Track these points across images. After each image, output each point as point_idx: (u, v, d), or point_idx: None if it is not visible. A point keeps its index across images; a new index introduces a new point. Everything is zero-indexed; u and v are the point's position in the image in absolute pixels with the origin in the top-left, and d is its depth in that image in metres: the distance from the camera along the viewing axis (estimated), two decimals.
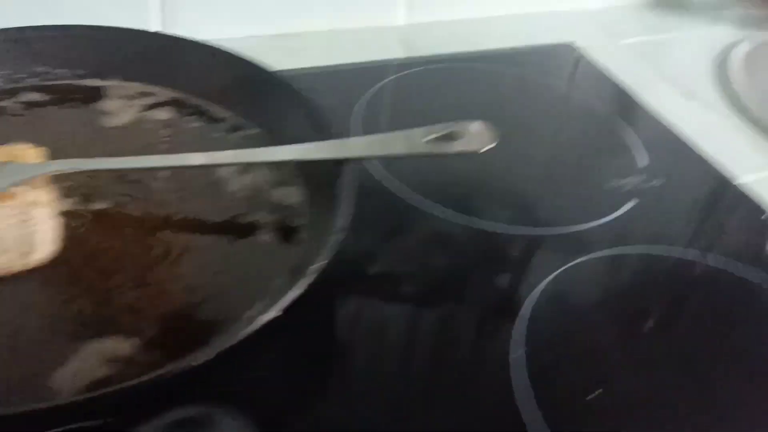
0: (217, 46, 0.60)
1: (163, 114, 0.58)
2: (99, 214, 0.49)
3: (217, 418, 0.34)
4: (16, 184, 0.46)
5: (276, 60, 0.59)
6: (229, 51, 0.59)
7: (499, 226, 0.56)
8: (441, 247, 0.55)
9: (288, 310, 0.39)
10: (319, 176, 0.52)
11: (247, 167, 0.54)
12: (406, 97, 0.70)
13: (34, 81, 0.58)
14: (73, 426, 0.37)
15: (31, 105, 0.57)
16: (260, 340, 0.38)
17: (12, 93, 0.57)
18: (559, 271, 0.52)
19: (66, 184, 0.50)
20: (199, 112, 0.59)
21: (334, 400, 0.43)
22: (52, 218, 0.47)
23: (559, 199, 0.61)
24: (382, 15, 0.81)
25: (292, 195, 0.52)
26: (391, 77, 0.72)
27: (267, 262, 0.47)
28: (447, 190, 0.59)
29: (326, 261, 0.42)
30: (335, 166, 0.50)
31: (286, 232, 0.49)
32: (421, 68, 0.74)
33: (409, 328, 0.48)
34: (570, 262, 0.53)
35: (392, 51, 0.78)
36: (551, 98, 0.75)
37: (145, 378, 0.35)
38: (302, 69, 0.70)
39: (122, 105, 0.58)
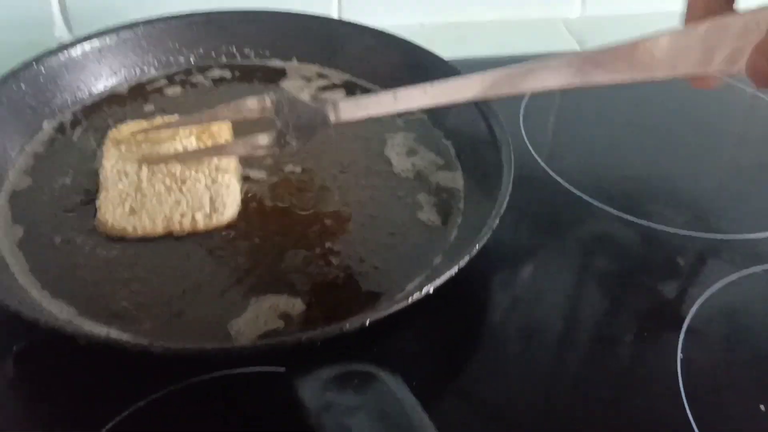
0: (390, 33, 0.62)
1: (335, 95, 0.61)
2: (275, 184, 0.53)
3: (378, 374, 0.36)
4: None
5: (444, 48, 0.61)
6: (401, 37, 0.62)
7: (670, 229, 0.54)
8: (605, 244, 0.54)
9: (446, 287, 0.41)
10: (478, 162, 0.53)
11: (411, 150, 0.56)
12: (575, 98, 0.69)
13: (224, 60, 0.63)
14: (254, 369, 0.41)
15: (219, 81, 0.62)
16: (419, 311, 0.41)
17: (203, 69, 0.63)
18: (731, 279, 0.50)
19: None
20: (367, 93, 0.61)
21: (481, 375, 0.44)
22: (236, 183, 0.51)
23: (737, 205, 0.58)
24: (556, 7, 0.80)
25: (452, 179, 0.54)
26: None
27: (427, 240, 0.49)
28: (614, 188, 0.58)
29: (481, 245, 0.43)
30: (496, 154, 0.51)
31: (446, 213, 0.51)
32: None
33: (564, 321, 0.48)
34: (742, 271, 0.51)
35: (563, 43, 0.77)
36: (734, 100, 0.71)
37: (318, 331, 0.38)
38: (469, 58, 0.71)
39: (301, 85, 0.61)
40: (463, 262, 0.42)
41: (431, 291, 0.41)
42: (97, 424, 0.39)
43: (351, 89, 0.62)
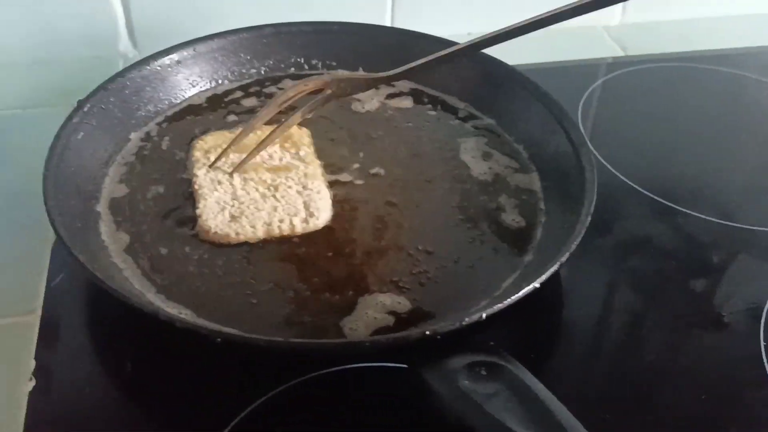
0: (450, 40, 0.64)
1: (403, 102, 0.63)
2: (362, 188, 0.55)
3: (502, 362, 0.38)
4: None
5: (496, 56, 0.63)
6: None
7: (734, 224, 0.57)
8: (668, 233, 0.56)
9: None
10: (553, 163, 0.55)
11: (486, 154, 0.58)
12: (627, 96, 0.72)
13: (293, 70, 0.65)
14: (373, 364, 0.42)
15: None
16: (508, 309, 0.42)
17: (276, 80, 0.65)
18: None
19: (330, 161, 0.56)
20: (435, 102, 0.64)
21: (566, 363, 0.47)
22: (326, 189, 0.53)
23: None
24: (597, 15, 0.82)
25: (529, 181, 0.56)
26: (610, 75, 0.74)
27: (514, 239, 0.51)
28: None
29: (576, 242, 0.46)
30: (571, 156, 0.53)
31: (530, 214, 0.53)
32: (637, 67, 0.75)
33: (643, 308, 0.51)
34: None
35: (607, 50, 0.79)
36: None
37: (439, 325, 0.40)
38: (520, 65, 0.73)
39: (370, 93, 0.63)
40: (563, 257, 0.44)
41: (538, 286, 0.43)
42: (225, 418, 0.41)
43: (418, 97, 0.64)
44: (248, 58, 0.64)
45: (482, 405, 0.36)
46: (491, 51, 0.62)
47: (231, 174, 0.53)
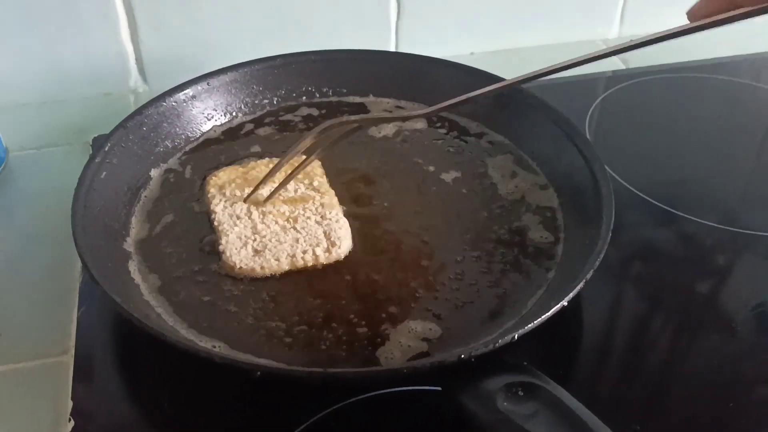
0: (458, 62, 0.66)
1: (418, 125, 0.65)
2: (381, 215, 0.56)
3: (537, 382, 0.39)
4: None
5: (498, 74, 0.63)
6: (472, 66, 0.65)
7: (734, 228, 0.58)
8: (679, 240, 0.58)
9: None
10: (567, 179, 0.57)
11: (513, 173, 0.59)
12: (630, 108, 0.73)
13: (304, 99, 0.67)
14: (407, 388, 0.43)
15: (308, 119, 0.65)
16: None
17: (292, 109, 0.66)
18: None
19: (342, 190, 0.57)
20: (448, 123, 0.65)
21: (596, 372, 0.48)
22: (344, 217, 0.54)
23: None
24: (595, 29, 0.84)
25: (548, 198, 0.57)
26: (613, 88, 0.75)
27: (538, 257, 0.52)
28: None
29: (598, 261, 0.47)
30: (586, 171, 0.54)
31: (551, 231, 0.54)
32: (640, 79, 0.77)
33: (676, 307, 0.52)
34: None
35: (607, 63, 0.80)
36: None
37: (471, 347, 0.41)
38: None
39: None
40: (588, 275, 0.45)
41: (566, 304, 0.44)
42: None
43: (430, 120, 0.65)
44: (260, 89, 0.65)
45: (523, 425, 0.36)
46: (496, 71, 0.65)
47: (249, 208, 0.54)
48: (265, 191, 0.55)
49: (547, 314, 0.43)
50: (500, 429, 0.37)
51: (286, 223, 0.53)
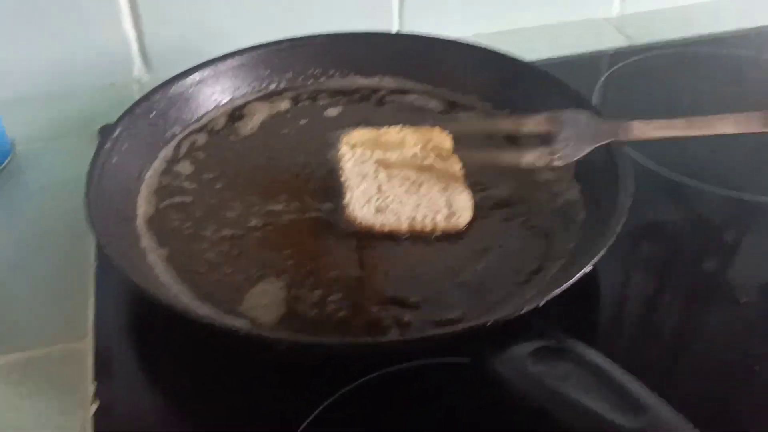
0: (464, 41, 0.65)
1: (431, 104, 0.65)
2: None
3: (567, 346, 0.38)
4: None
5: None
6: (478, 45, 0.65)
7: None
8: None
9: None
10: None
11: None
12: (637, 84, 0.73)
13: (311, 82, 0.66)
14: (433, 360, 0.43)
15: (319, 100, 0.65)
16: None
17: (298, 90, 0.66)
18: None
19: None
20: (450, 102, 0.65)
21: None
22: (467, 190, 0.54)
23: None
24: (596, 7, 0.84)
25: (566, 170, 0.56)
26: (617, 66, 0.75)
27: (560, 227, 0.52)
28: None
29: (620, 226, 0.47)
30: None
31: (571, 202, 0.54)
32: (643, 56, 0.76)
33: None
34: None
35: (611, 41, 0.81)
36: None
37: (500, 314, 0.41)
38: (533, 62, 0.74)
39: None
40: (611, 240, 0.45)
41: (590, 269, 0.44)
42: (292, 425, 0.41)
43: (439, 98, 0.65)
44: (267, 72, 0.65)
45: (557, 387, 0.36)
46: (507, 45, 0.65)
47: (377, 168, 0.55)
48: (394, 156, 0.56)
49: (572, 279, 0.42)
50: (533, 393, 0.37)
51: (411, 187, 0.54)
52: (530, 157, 0.52)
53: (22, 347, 0.48)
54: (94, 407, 0.43)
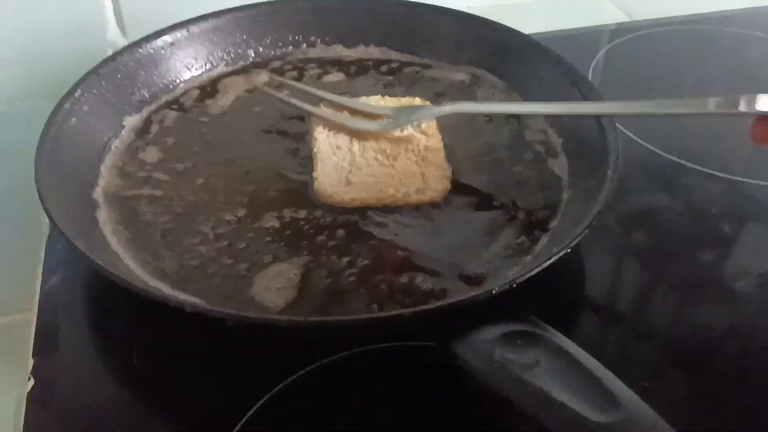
0: (455, 9, 0.62)
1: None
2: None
3: (537, 331, 0.35)
4: (421, 120, 0.53)
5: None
6: (469, 13, 0.62)
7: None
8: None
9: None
10: (571, 127, 0.53)
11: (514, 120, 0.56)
12: (637, 61, 0.70)
13: (290, 49, 0.63)
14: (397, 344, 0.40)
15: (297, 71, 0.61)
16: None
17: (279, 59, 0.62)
18: None
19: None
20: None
21: None
22: (445, 162, 0.52)
23: None
24: None
25: (554, 143, 0.54)
26: (617, 41, 0.72)
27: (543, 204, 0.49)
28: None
29: (601, 204, 0.43)
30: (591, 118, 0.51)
31: (552, 180, 0.51)
32: (645, 32, 0.73)
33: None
34: None
35: (609, 16, 0.77)
36: None
37: (471, 296, 0.38)
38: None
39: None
40: (591, 220, 0.42)
41: (569, 250, 0.40)
42: (250, 400, 0.39)
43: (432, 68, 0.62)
44: (244, 37, 0.61)
45: (523, 375, 0.33)
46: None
47: (351, 140, 0.53)
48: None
49: (548, 261, 0.39)
50: (497, 381, 0.34)
51: (385, 160, 0.51)
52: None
53: None
54: (29, 385, 0.40)
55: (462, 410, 0.38)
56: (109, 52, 0.68)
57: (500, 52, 0.59)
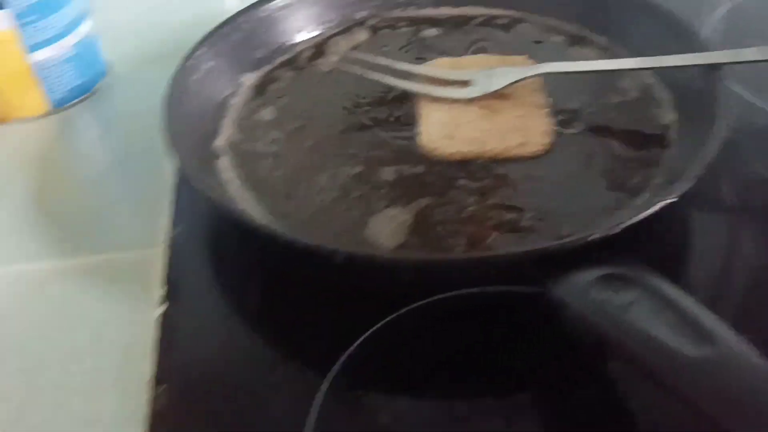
0: None
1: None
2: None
3: (637, 275, 0.36)
4: (511, 83, 0.53)
5: None
6: None
7: None
8: None
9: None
10: (679, 80, 0.53)
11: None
12: (755, 20, 0.66)
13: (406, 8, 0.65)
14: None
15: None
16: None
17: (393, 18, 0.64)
18: None
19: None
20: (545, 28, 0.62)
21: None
22: (546, 117, 0.52)
23: None
24: None
25: (661, 95, 0.53)
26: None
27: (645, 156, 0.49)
28: None
29: (710, 157, 0.43)
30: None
31: (660, 129, 0.51)
32: None
33: None
34: None
35: None
36: None
37: (575, 238, 0.39)
38: None
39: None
40: (700, 171, 0.42)
41: (677, 198, 0.40)
42: (349, 339, 0.41)
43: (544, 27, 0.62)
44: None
45: (620, 314, 0.34)
46: None
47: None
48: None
49: (654, 208, 0.40)
50: (594, 320, 0.34)
51: (488, 114, 0.53)
52: None
53: (100, 250, 0.50)
54: (162, 309, 0.44)
55: (559, 353, 0.39)
56: None
57: (605, 7, 0.59)
